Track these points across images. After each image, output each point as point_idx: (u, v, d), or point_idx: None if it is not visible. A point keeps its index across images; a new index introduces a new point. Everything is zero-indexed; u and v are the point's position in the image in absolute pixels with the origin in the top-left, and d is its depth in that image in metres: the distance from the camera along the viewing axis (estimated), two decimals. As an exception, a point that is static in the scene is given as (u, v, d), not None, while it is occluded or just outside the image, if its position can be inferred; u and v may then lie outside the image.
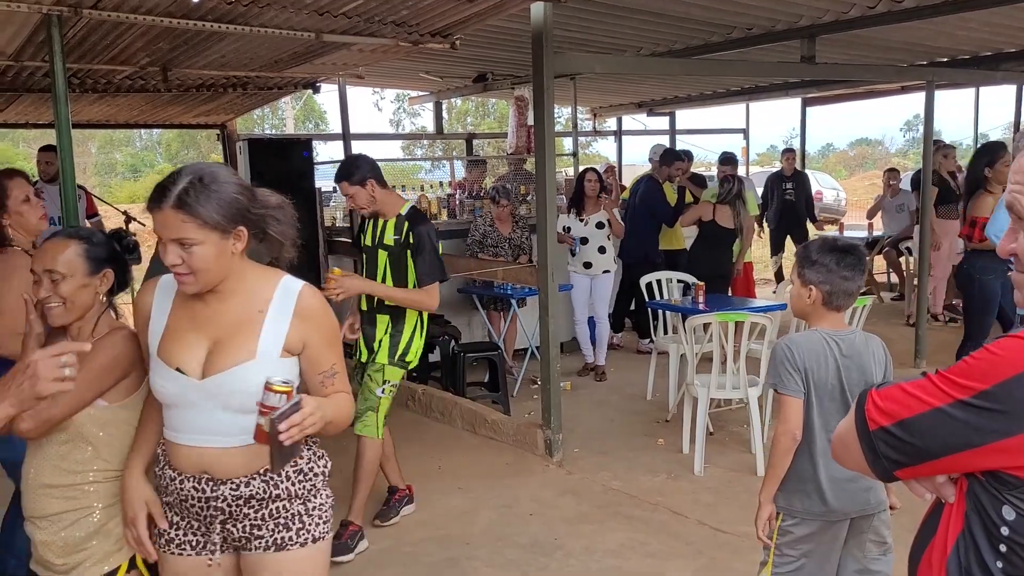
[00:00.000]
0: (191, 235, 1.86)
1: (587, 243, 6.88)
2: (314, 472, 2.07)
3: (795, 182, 10.12)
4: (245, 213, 1.92)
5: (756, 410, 4.93)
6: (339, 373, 2.02)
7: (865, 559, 2.61)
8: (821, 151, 40.99)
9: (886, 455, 1.27)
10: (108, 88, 7.04)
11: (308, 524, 2.05)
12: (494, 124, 27.71)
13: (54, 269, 2.12)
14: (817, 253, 2.57)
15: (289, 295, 1.98)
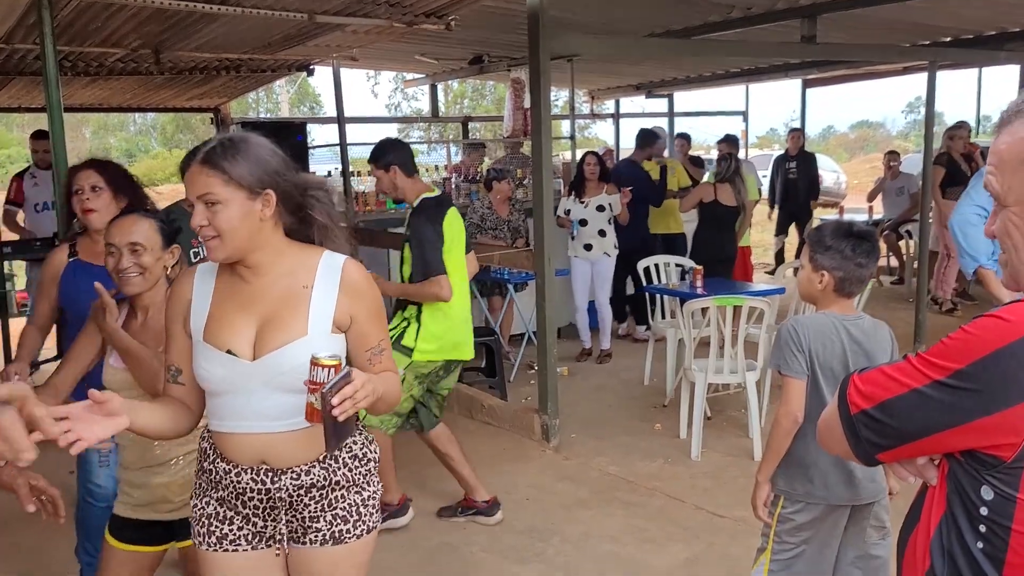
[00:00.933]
0: (215, 191, 1.80)
1: (586, 225, 6.82)
2: (367, 457, 2.02)
3: (798, 162, 10.05)
4: (275, 177, 1.86)
5: (754, 395, 4.90)
6: (386, 350, 1.97)
7: (865, 545, 2.58)
8: (822, 134, 40.86)
9: (868, 438, 1.28)
10: (100, 71, 6.98)
11: (364, 515, 2.01)
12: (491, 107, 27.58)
13: (136, 241, 2.38)
14: (832, 238, 2.51)
15: (333, 269, 1.91)
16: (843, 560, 2.59)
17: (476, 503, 4.15)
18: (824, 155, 23.62)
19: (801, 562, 2.56)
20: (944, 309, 8.35)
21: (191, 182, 1.83)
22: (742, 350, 4.91)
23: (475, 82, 26.01)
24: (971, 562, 1.22)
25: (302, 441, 1.88)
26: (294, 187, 1.90)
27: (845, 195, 19.72)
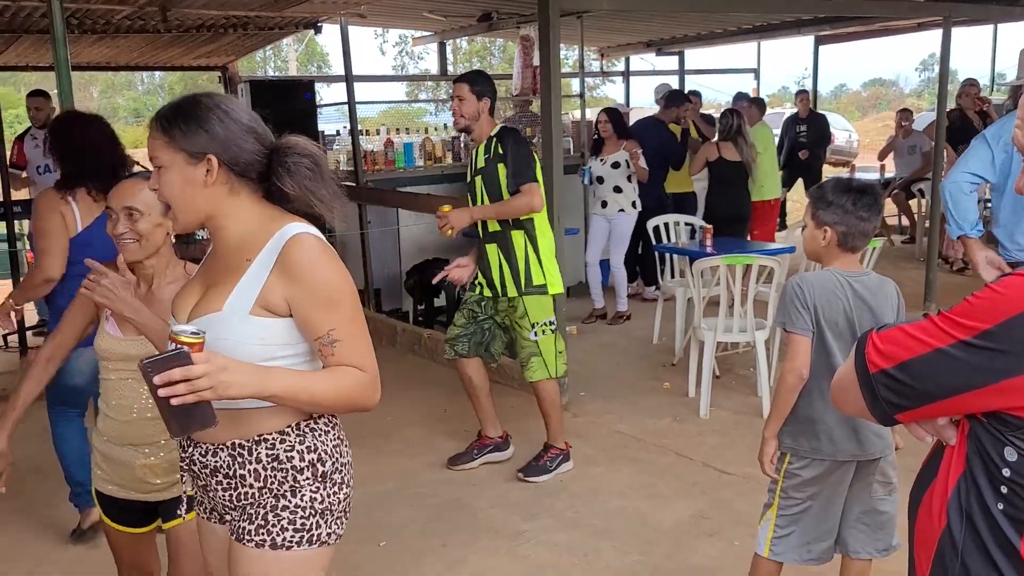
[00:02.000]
0: (158, 154, 1.73)
1: (603, 182, 6.80)
2: (293, 464, 1.76)
3: (808, 124, 9.95)
4: (220, 141, 1.71)
5: (763, 353, 4.91)
6: (341, 342, 1.70)
7: (871, 500, 2.61)
8: (834, 92, 40.33)
9: (886, 398, 1.26)
10: (107, 29, 6.93)
11: (271, 524, 1.76)
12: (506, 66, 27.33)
13: (133, 207, 2.26)
14: (832, 194, 2.51)
15: (278, 245, 1.72)
16: (849, 515, 2.62)
17: (492, 439, 4.32)
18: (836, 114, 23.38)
19: (807, 517, 2.59)
20: (955, 268, 8.32)
21: (147, 144, 1.77)
22: (751, 309, 4.91)
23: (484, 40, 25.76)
24: (991, 523, 1.21)
25: (227, 417, 1.71)
26: (251, 152, 1.75)
27: (857, 153, 19.54)
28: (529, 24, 7.96)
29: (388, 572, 3.40)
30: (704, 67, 12.67)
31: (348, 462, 1.88)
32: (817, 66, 11.52)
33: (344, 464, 1.86)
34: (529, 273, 4.03)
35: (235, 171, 1.75)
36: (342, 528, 1.87)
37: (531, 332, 4.05)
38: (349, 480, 1.88)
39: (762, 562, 2.67)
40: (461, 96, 4.01)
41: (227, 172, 1.74)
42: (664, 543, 3.53)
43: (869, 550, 2.64)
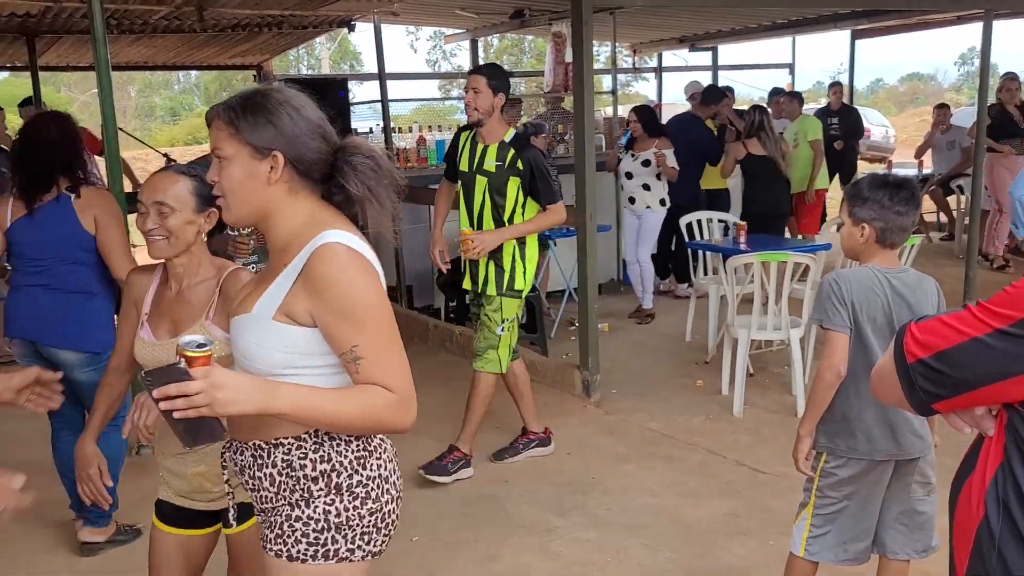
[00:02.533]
0: (222, 145, 1.68)
1: (631, 178, 6.78)
2: (305, 473, 1.72)
3: (840, 117, 9.83)
4: (289, 138, 1.68)
5: (798, 351, 4.86)
6: (364, 360, 1.63)
7: (910, 500, 2.57)
8: (870, 87, 39.76)
9: (924, 388, 1.26)
10: (145, 29, 7.04)
11: (286, 535, 1.74)
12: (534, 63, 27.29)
13: (164, 202, 2.15)
14: (868, 190, 2.48)
15: (307, 253, 1.65)
16: (887, 516, 2.59)
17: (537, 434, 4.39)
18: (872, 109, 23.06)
19: (844, 517, 2.56)
20: (995, 266, 8.18)
21: (210, 133, 1.75)
22: (786, 306, 4.87)
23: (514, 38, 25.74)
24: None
25: (248, 418, 1.68)
26: (317, 151, 1.71)
27: (894, 149, 19.26)
28: (561, 21, 7.95)
29: (420, 567, 3.41)
30: (738, 62, 12.51)
31: (380, 476, 1.78)
32: (853, 61, 11.38)
33: (372, 478, 1.76)
34: (513, 277, 4.09)
35: (298, 170, 1.70)
36: (373, 545, 1.78)
37: (499, 327, 4.10)
38: (382, 495, 1.78)
39: (797, 562, 2.65)
40: (477, 88, 3.98)
41: (290, 170, 1.69)
42: (696, 542, 3.51)
43: (907, 551, 2.61)
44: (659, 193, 6.77)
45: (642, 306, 6.91)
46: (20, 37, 7.19)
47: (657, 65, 11.65)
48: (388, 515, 1.80)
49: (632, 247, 6.91)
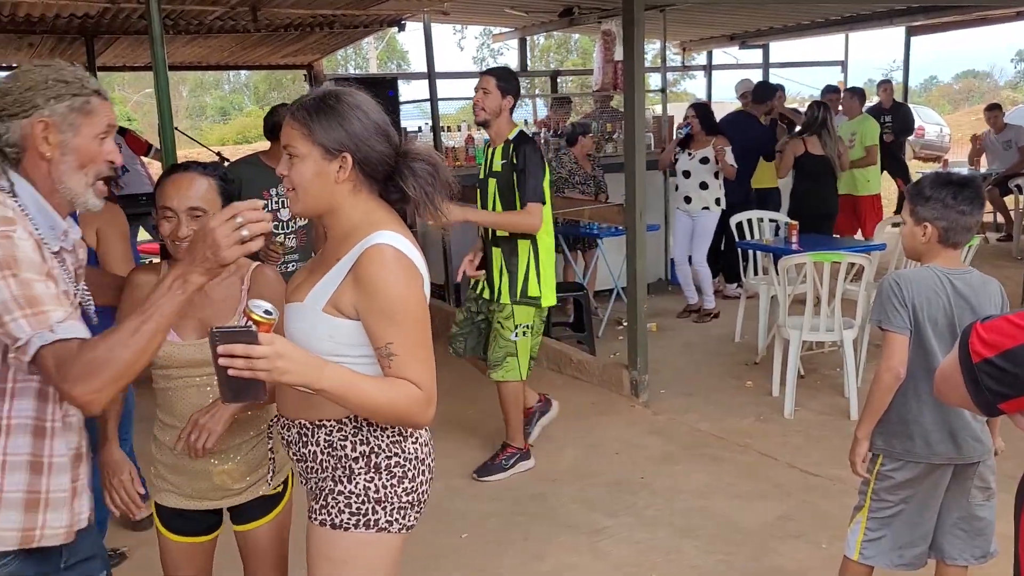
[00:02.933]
0: (295, 144, 1.79)
1: (689, 177, 6.72)
2: (345, 453, 1.85)
3: (893, 115, 9.65)
4: (357, 141, 1.78)
5: (851, 353, 4.79)
6: (397, 356, 1.75)
7: (969, 506, 2.52)
8: (924, 84, 38.96)
9: (989, 387, 1.25)
10: (200, 29, 7.16)
11: (330, 506, 1.86)
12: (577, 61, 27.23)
13: (196, 206, 2.12)
14: (931, 188, 2.43)
15: (359, 251, 1.77)
16: (945, 521, 2.54)
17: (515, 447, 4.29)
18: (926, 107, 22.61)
19: (899, 521, 2.52)
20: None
21: (283, 133, 1.83)
22: (839, 307, 4.79)
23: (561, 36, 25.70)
24: None
25: (299, 396, 1.81)
26: (382, 154, 1.82)
27: (948, 148, 18.87)
28: (610, 19, 7.91)
29: (469, 563, 3.43)
30: (788, 60, 12.34)
31: (417, 458, 1.90)
32: (908, 57, 11.15)
33: (409, 459, 1.89)
34: (527, 284, 4.00)
35: (363, 171, 1.81)
36: (409, 520, 1.91)
37: (513, 333, 4.02)
38: (417, 475, 1.91)
39: (852, 565, 2.61)
40: (487, 89, 3.94)
41: (356, 171, 1.81)
42: (748, 544, 3.48)
43: (966, 557, 2.56)
44: (716, 192, 6.68)
45: (703, 306, 6.84)
46: (79, 38, 7.36)
47: (707, 63, 11.52)
48: (423, 494, 1.94)
49: (683, 247, 6.84)
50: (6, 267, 1.53)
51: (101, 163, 1.73)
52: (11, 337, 1.52)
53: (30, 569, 1.67)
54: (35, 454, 1.66)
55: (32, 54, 8.00)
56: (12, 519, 1.63)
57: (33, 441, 1.66)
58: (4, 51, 7.90)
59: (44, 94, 1.66)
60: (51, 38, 7.35)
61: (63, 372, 1.51)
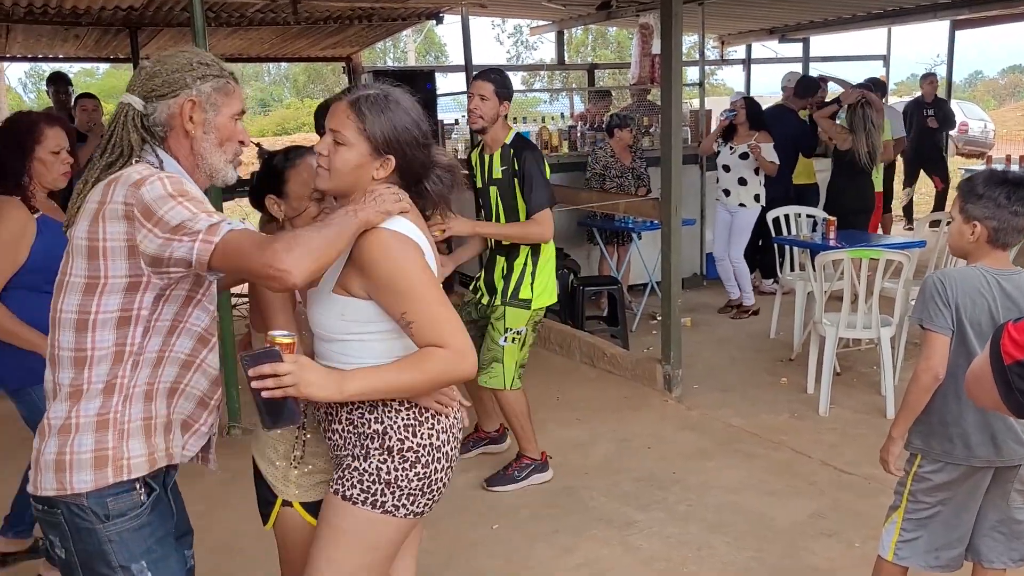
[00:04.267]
0: (346, 133, 1.87)
1: (728, 171, 6.67)
2: (362, 431, 1.94)
3: (935, 109, 9.49)
4: (405, 147, 1.89)
5: (888, 351, 4.73)
6: (415, 323, 1.83)
7: (1009, 509, 2.48)
8: (968, 79, 38.23)
9: (1021, 389, 1.23)
10: (241, 21, 7.26)
11: (345, 478, 1.95)
12: (612, 55, 27.09)
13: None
14: (984, 187, 2.36)
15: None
16: (984, 523, 2.50)
17: (488, 434, 4.28)
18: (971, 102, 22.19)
19: (936, 523, 2.49)
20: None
21: (333, 112, 1.91)
22: (877, 304, 4.74)
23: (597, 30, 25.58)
24: None
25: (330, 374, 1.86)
26: (420, 163, 1.93)
27: (992, 144, 18.53)
28: (648, 12, 7.88)
29: (499, 555, 3.45)
30: (829, 54, 12.16)
31: (432, 444, 1.95)
32: (952, 51, 10.95)
33: (423, 445, 1.94)
34: (519, 286, 3.88)
35: (398, 172, 1.93)
36: (417, 506, 1.97)
37: (501, 337, 3.89)
38: (432, 462, 1.95)
39: (886, 566, 2.59)
40: (484, 95, 3.78)
41: (395, 174, 1.92)
42: (780, 541, 3.46)
43: (1004, 560, 2.52)
44: (754, 189, 6.62)
45: (742, 303, 6.79)
46: (124, 30, 7.50)
47: (746, 57, 11.41)
48: (436, 481, 1.98)
49: (722, 242, 6.79)
50: (180, 195, 1.68)
51: (236, 141, 1.86)
52: (196, 232, 1.64)
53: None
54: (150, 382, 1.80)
55: (78, 46, 8.16)
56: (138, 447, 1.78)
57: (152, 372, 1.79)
58: (51, 43, 8.07)
59: (192, 75, 1.79)
60: (96, 30, 7.50)
61: (263, 248, 1.64)
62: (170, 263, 1.67)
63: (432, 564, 3.28)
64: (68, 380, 1.75)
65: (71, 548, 1.77)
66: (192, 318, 1.83)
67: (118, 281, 1.70)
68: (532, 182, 3.78)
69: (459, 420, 2.05)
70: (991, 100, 32.14)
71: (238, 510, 3.72)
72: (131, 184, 1.67)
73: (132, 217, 1.66)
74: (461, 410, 2.07)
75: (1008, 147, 15.48)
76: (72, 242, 1.74)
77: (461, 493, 3.93)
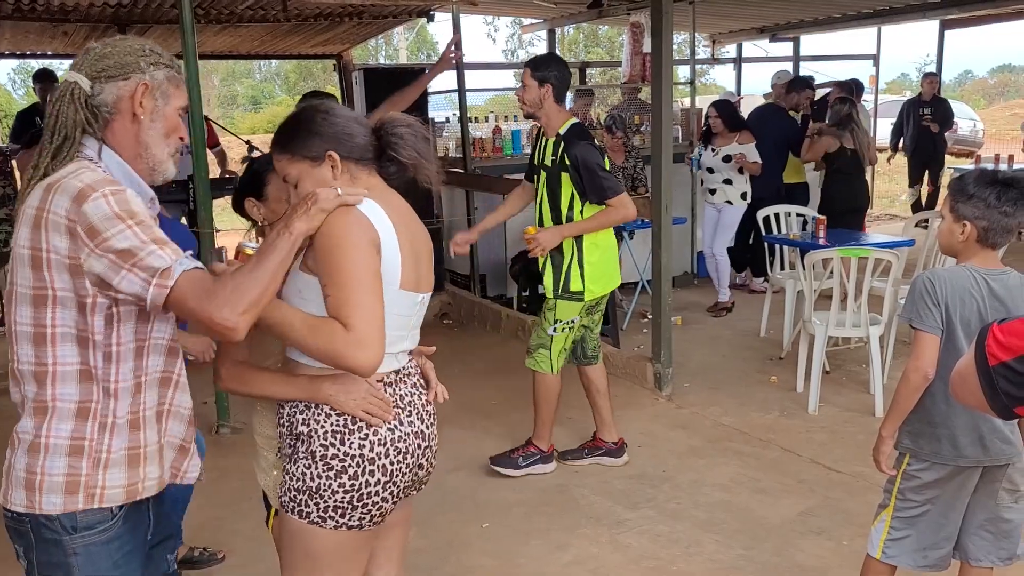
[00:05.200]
0: (288, 171, 1.94)
1: (713, 173, 6.72)
2: (293, 430, 1.93)
3: (933, 108, 9.52)
4: (337, 138, 1.91)
5: (877, 350, 4.75)
6: (331, 297, 1.80)
7: (996, 508, 2.49)
8: (958, 79, 38.38)
9: (1006, 391, 1.23)
10: (231, 18, 7.22)
11: (283, 484, 1.96)
12: (603, 54, 27.09)
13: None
14: (974, 186, 2.36)
15: None
16: (972, 522, 2.52)
17: (605, 443, 4.22)
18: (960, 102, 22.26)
19: (924, 521, 2.50)
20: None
21: (276, 171, 2.00)
22: (866, 303, 4.76)
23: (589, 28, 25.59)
24: None
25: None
26: (364, 138, 1.94)
27: (982, 143, 18.62)
28: (639, 10, 7.87)
29: (492, 552, 3.45)
30: (820, 53, 12.19)
31: (362, 455, 1.87)
32: (942, 51, 11.01)
33: (351, 455, 1.86)
34: (568, 278, 3.91)
35: (354, 159, 1.93)
36: (350, 520, 1.88)
37: (551, 327, 3.94)
38: (362, 474, 1.87)
39: (874, 564, 2.60)
40: (524, 82, 3.87)
41: (347, 162, 1.93)
42: (770, 539, 3.47)
43: (991, 558, 2.53)
44: (741, 187, 6.70)
45: (719, 299, 6.83)
46: (112, 26, 7.44)
47: (736, 55, 11.44)
48: (370, 495, 1.88)
49: (709, 239, 6.84)
50: (128, 217, 1.62)
51: (178, 136, 1.83)
52: (150, 269, 1.60)
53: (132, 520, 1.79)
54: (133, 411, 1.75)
55: (66, 43, 8.11)
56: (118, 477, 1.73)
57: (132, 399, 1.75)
58: (39, 39, 8.01)
59: (146, 60, 1.77)
60: (85, 27, 7.45)
61: (210, 300, 1.61)
62: (119, 290, 1.62)
63: (424, 562, 3.28)
64: (32, 395, 1.70)
65: (33, 560, 1.72)
66: (155, 332, 1.78)
67: (67, 295, 1.65)
68: (594, 174, 3.80)
69: (415, 435, 1.95)
70: (980, 100, 32.27)
71: (229, 508, 3.72)
72: (73, 198, 1.61)
73: (75, 234, 1.60)
74: (430, 424, 2.01)
75: (997, 146, 15.54)
76: (15, 250, 1.68)
77: (453, 491, 3.93)
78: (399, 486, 1.93)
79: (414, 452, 1.95)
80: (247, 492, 2.94)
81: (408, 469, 1.94)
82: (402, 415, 1.93)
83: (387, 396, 1.91)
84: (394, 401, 1.93)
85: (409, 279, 1.93)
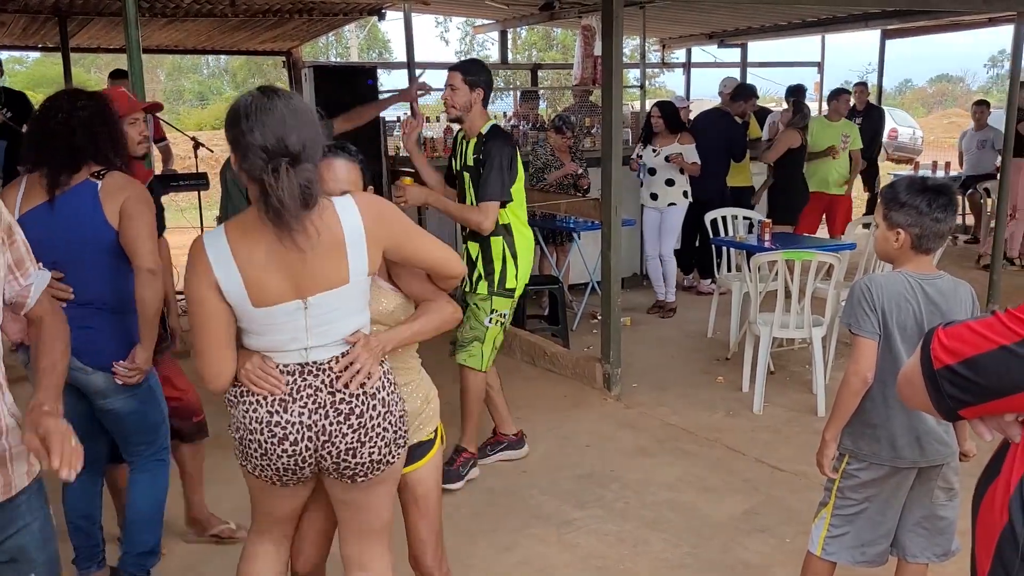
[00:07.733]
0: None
1: (655, 174, 6.78)
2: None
3: (864, 117, 9.73)
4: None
5: (819, 351, 4.85)
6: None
7: (932, 506, 2.56)
8: (898, 87, 39.37)
9: (950, 394, 1.25)
10: (176, 13, 7.09)
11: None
12: (558, 56, 27.20)
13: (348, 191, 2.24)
14: (906, 194, 2.41)
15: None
16: (908, 520, 2.58)
17: (506, 436, 4.25)
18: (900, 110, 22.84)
19: (862, 519, 2.56)
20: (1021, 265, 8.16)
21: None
22: (809, 305, 4.85)
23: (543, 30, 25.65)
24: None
25: None
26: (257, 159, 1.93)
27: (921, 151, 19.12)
28: (591, 13, 7.94)
29: (439, 554, 3.43)
30: (766, 59, 12.43)
31: (248, 427, 2.06)
32: (883, 60, 11.28)
33: (238, 421, 2.09)
34: (504, 277, 3.94)
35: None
36: (247, 466, 2.14)
37: (487, 318, 3.95)
38: (246, 437, 2.08)
39: (814, 561, 2.65)
40: (454, 85, 3.87)
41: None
42: (715, 537, 3.52)
43: (927, 555, 2.60)
44: (682, 186, 6.80)
45: (665, 300, 6.91)
46: (52, 17, 7.27)
47: (686, 60, 11.59)
48: (249, 458, 2.10)
49: (653, 242, 6.90)
50: None
51: None
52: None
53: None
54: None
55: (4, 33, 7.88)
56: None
57: None
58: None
59: None
60: (23, 17, 7.25)
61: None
62: None
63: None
64: None
65: None
66: None
67: None
68: (489, 172, 3.81)
69: (302, 426, 2.02)
70: (920, 108, 33.14)
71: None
72: None
73: None
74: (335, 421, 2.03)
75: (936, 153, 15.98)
76: None
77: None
78: (279, 466, 2.08)
79: (297, 441, 2.04)
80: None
81: (288, 456, 2.06)
82: (289, 403, 2.03)
83: (276, 374, 2.03)
84: (289, 391, 2.03)
85: (267, 295, 1.96)
